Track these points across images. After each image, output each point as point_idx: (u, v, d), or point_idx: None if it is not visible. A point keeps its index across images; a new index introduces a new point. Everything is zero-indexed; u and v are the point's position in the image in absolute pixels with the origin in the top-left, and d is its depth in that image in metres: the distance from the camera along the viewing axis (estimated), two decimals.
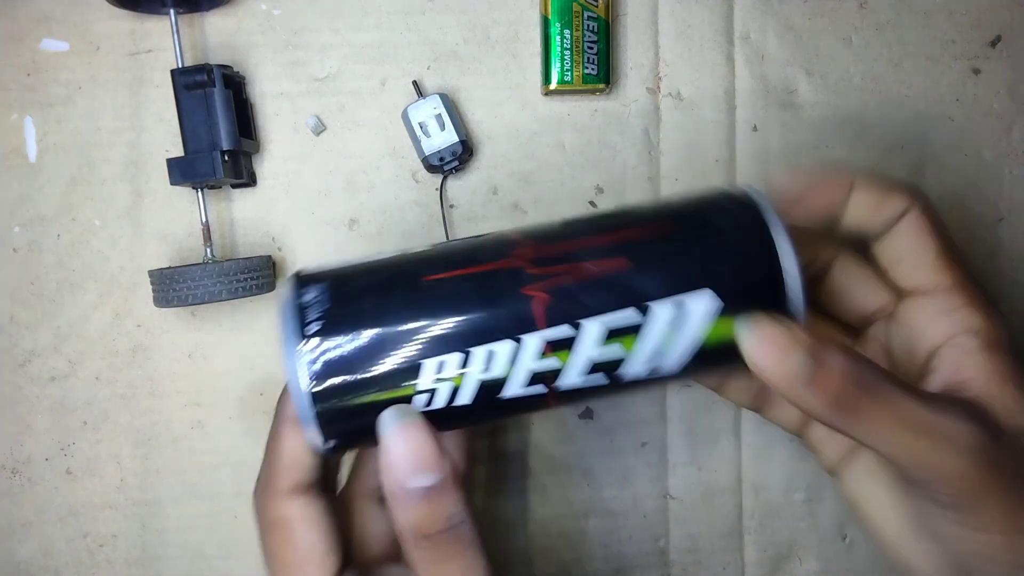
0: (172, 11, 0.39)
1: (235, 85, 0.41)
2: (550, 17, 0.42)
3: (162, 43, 0.43)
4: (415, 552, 0.28)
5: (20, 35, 0.42)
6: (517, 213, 0.44)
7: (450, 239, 0.43)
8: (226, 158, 0.39)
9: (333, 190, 0.44)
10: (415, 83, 0.43)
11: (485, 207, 0.44)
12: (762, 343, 0.28)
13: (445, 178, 0.44)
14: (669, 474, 0.45)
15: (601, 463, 0.45)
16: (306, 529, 0.31)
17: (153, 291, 0.40)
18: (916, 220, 0.32)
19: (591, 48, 0.42)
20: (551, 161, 0.44)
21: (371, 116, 0.43)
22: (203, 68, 0.39)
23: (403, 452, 0.27)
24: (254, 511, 0.32)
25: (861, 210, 0.32)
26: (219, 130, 0.39)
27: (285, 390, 0.32)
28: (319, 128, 0.43)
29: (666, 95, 0.45)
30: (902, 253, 0.33)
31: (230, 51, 0.43)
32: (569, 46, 0.42)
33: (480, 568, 0.28)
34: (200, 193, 0.41)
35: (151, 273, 0.40)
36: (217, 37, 0.43)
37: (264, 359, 0.44)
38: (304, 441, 0.30)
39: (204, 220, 0.40)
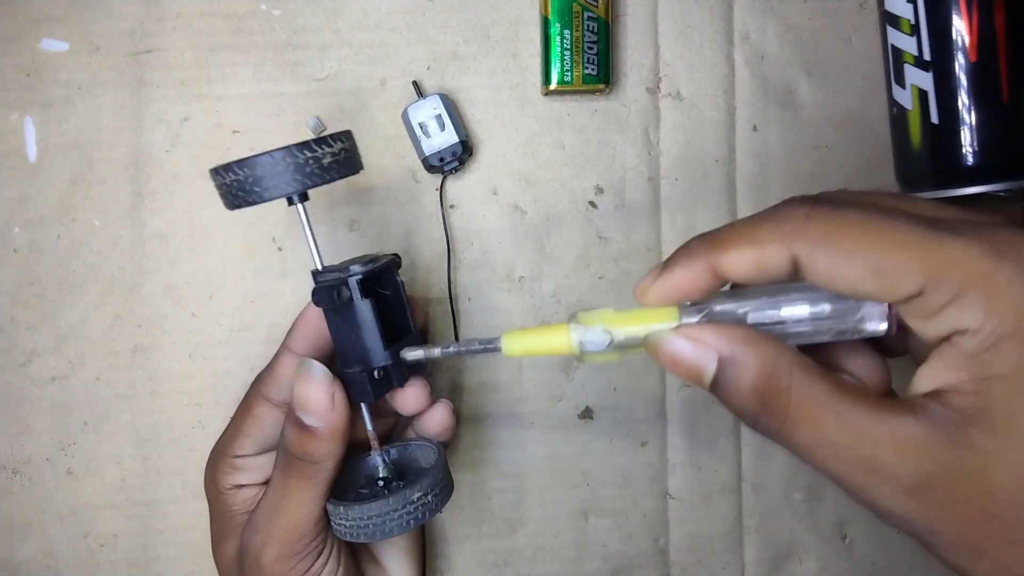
0: (300, 207, 0.33)
1: (381, 280, 0.35)
2: (550, 17, 0.42)
3: (162, 43, 0.43)
4: (278, 455, 0.35)
5: (20, 35, 0.42)
6: (517, 213, 0.44)
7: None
8: (378, 375, 0.34)
9: (333, 190, 0.44)
10: (415, 83, 0.43)
11: (485, 207, 0.44)
12: (670, 356, 0.27)
13: (445, 178, 0.44)
14: (669, 474, 0.45)
15: (601, 463, 0.45)
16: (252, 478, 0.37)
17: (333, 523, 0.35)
18: (811, 241, 0.25)
19: (591, 48, 0.42)
20: (551, 161, 0.44)
21: (371, 116, 0.43)
22: (335, 287, 0.33)
23: (304, 395, 0.33)
24: (205, 476, 0.38)
25: (750, 273, 0.26)
26: (365, 347, 0.33)
27: (264, 371, 0.37)
28: (319, 128, 0.43)
29: (666, 95, 0.45)
30: (829, 278, 0.25)
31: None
32: (569, 46, 0.42)
33: (307, 502, 0.34)
34: (366, 411, 0.35)
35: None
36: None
37: (264, 360, 0.44)
38: (271, 419, 0.36)
39: (370, 429, 0.36)
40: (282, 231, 0.44)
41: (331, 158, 0.32)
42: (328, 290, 0.33)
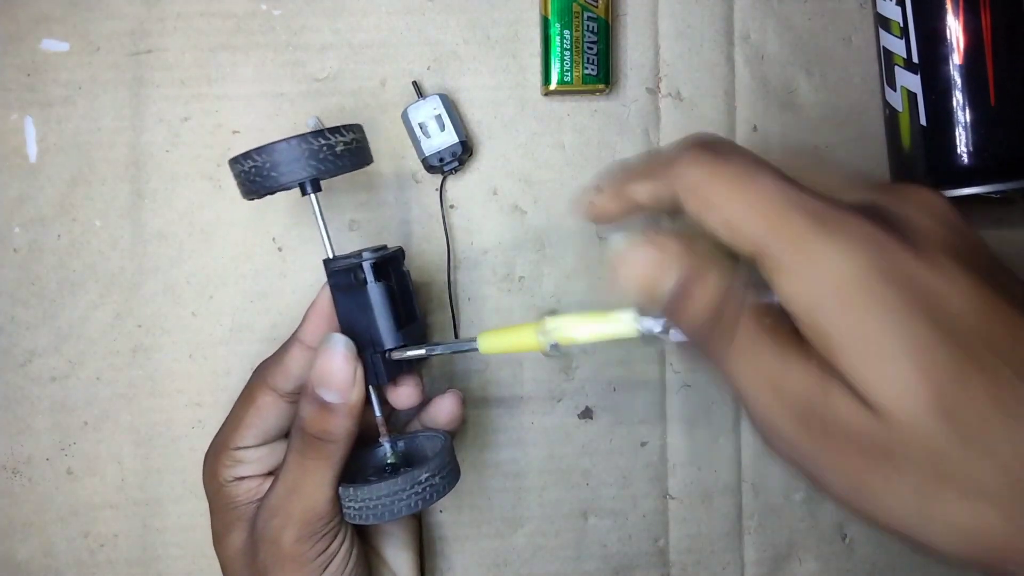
0: (313, 196, 0.34)
1: (389, 267, 0.36)
2: (550, 17, 0.42)
3: (162, 43, 0.43)
4: (293, 437, 0.35)
5: (20, 35, 0.42)
6: (517, 213, 0.44)
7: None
8: (388, 356, 0.35)
9: (333, 191, 0.44)
10: (415, 83, 0.43)
11: (485, 207, 0.44)
12: (631, 263, 0.27)
13: (445, 178, 0.44)
14: (669, 474, 0.45)
15: (601, 463, 0.45)
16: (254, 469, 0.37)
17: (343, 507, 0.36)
18: (685, 187, 0.26)
19: (591, 48, 0.42)
20: (551, 161, 0.44)
21: (371, 116, 0.43)
22: (351, 270, 0.34)
23: (327, 368, 0.34)
24: (204, 471, 0.38)
25: (650, 202, 0.28)
26: (377, 330, 0.34)
27: (270, 360, 0.37)
28: (319, 128, 0.43)
29: (666, 95, 0.45)
30: (696, 220, 0.26)
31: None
32: (569, 46, 0.42)
33: (325, 482, 0.34)
34: (375, 398, 0.36)
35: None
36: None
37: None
38: (274, 410, 0.37)
39: (379, 415, 0.36)
40: (282, 231, 0.44)
41: (343, 147, 0.34)
42: (345, 272, 0.34)
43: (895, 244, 0.24)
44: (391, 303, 0.34)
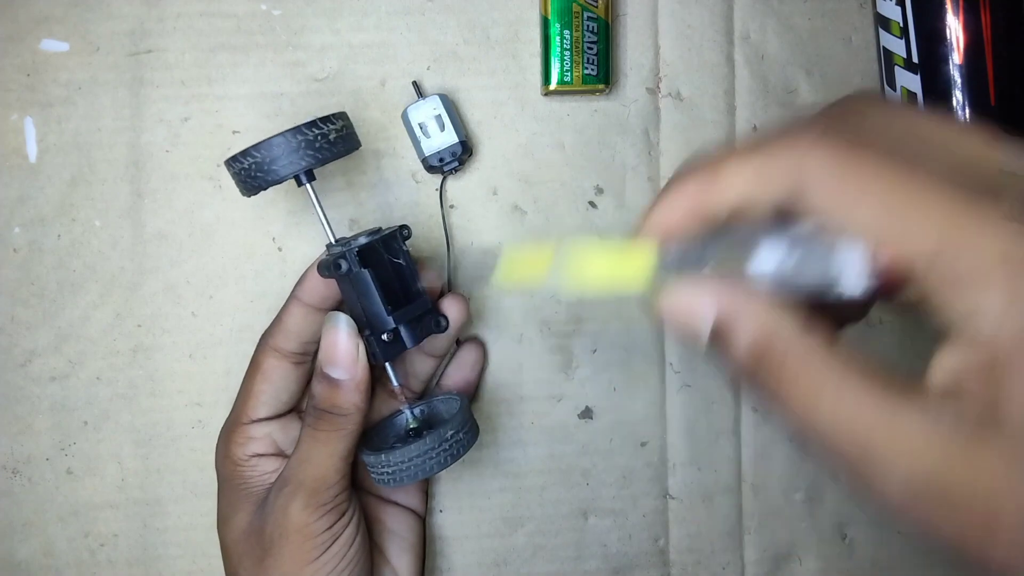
0: (309, 185, 0.36)
1: (378, 252, 0.36)
2: (550, 17, 0.42)
3: (162, 43, 0.43)
4: (307, 412, 0.36)
5: (20, 35, 0.42)
6: (517, 213, 0.44)
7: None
8: (387, 338, 0.36)
9: (333, 190, 0.44)
10: (415, 83, 0.43)
11: (485, 207, 0.44)
12: (671, 307, 0.26)
13: (445, 178, 0.44)
14: (669, 474, 0.45)
15: (601, 463, 0.45)
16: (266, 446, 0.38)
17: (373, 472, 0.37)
18: (822, 167, 0.22)
19: (591, 48, 0.42)
20: (551, 161, 0.44)
21: (371, 116, 0.43)
22: (334, 259, 0.35)
23: (331, 347, 0.35)
24: (217, 453, 0.38)
25: (740, 202, 0.24)
26: (371, 313, 0.36)
27: (272, 323, 0.38)
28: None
29: (666, 95, 0.45)
30: (833, 213, 0.23)
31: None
32: (569, 46, 0.42)
33: (335, 453, 0.35)
34: (391, 370, 0.37)
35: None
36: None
37: None
38: (280, 372, 0.37)
39: (396, 384, 0.38)
40: (282, 230, 0.44)
41: (336, 134, 0.35)
42: (327, 263, 0.36)
43: None
44: (379, 288, 0.35)
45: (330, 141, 0.35)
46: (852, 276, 0.23)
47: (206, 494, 0.43)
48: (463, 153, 0.42)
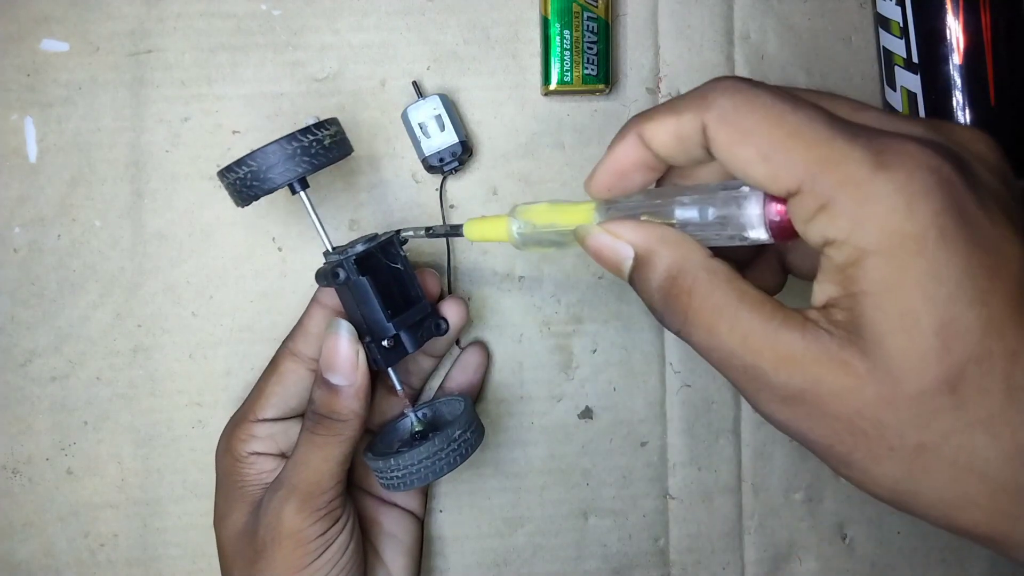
0: (303, 193, 0.36)
1: (375, 259, 0.36)
2: (550, 17, 0.42)
3: (162, 43, 0.43)
4: (306, 416, 0.36)
5: (20, 35, 0.42)
6: None
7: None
8: (388, 344, 0.36)
9: (333, 190, 0.44)
10: (415, 83, 0.43)
11: (485, 207, 0.44)
12: (594, 248, 0.29)
13: (445, 178, 0.44)
14: (669, 474, 0.45)
15: (601, 463, 0.45)
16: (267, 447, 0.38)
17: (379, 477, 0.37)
18: (718, 113, 0.25)
19: (591, 48, 0.42)
20: (551, 161, 0.44)
21: (371, 116, 0.43)
22: (331, 268, 0.35)
23: (332, 353, 0.35)
24: (219, 447, 0.39)
25: (671, 142, 0.27)
26: (371, 320, 0.36)
27: (295, 327, 0.38)
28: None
29: (666, 95, 0.45)
30: (727, 155, 0.25)
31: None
32: (569, 46, 0.42)
33: (331, 458, 0.35)
34: (394, 374, 0.38)
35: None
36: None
37: (264, 360, 0.44)
38: (295, 376, 0.38)
39: (399, 388, 0.38)
40: (282, 231, 0.44)
41: (330, 139, 0.35)
42: (324, 273, 0.36)
43: (962, 187, 0.22)
44: (378, 295, 0.35)
45: (325, 146, 0.35)
46: (753, 218, 0.26)
47: (206, 494, 0.43)
48: (463, 153, 0.42)
